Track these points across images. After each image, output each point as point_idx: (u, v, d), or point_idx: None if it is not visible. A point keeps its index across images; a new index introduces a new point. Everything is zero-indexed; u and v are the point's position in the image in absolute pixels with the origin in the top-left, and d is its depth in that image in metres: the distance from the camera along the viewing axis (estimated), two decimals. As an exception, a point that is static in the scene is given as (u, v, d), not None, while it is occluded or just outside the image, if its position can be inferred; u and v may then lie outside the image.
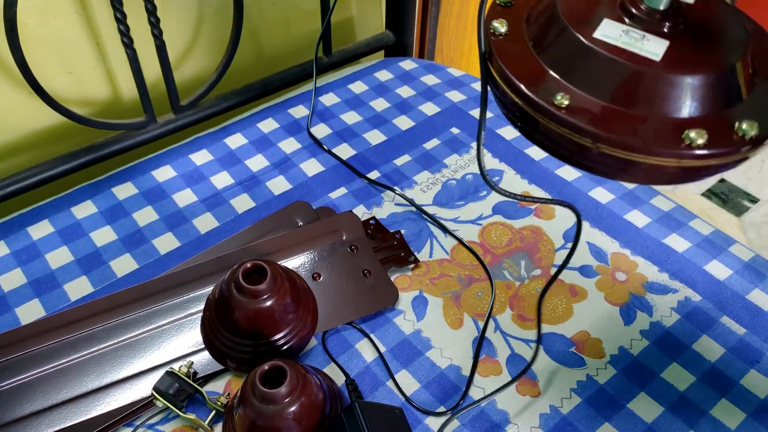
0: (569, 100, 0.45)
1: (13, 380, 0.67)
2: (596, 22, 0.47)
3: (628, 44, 0.46)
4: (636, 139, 0.43)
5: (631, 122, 0.44)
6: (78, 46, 0.91)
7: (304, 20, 1.14)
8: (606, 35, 0.46)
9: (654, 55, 0.45)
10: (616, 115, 0.44)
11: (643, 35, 0.46)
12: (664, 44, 0.46)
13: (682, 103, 0.44)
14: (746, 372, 0.70)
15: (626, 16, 0.47)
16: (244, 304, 0.65)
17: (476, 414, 0.66)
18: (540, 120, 0.46)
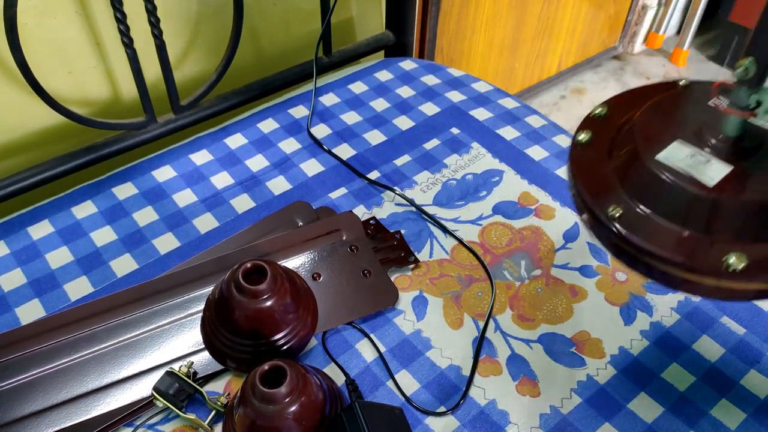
0: (621, 211, 0.48)
1: (13, 380, 0.67)
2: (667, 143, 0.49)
3: (690, 167, 0.47)
4: (675, 255, 0.45)
5: (674, 239, 0.46)
6: (78, 46, 0.91)
7: (304, 20, 1.14)
8: (670, 156, 0.48)
9: (711, 179, 0.46)
10: (662, 231, 0.47)
11: (708, 159, 0.48)
12: (726, 169, 0.47)
13: (729, 227, 0.46)
14: (746, 372, 0.70)
15: (699, 141, 0.49)
16: (244, 304, 0.65)
17: (476, 414, 0.66)
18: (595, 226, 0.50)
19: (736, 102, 0.47)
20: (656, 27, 2.03)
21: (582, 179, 0.51)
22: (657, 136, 0.50)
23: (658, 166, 0.48)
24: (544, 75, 1.84)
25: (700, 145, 0.49)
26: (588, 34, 1.86)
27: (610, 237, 0.49)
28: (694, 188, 0.46)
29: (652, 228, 0.47)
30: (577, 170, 0.52)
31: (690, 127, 0.50)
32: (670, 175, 0.47)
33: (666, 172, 0.47)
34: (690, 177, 0.47)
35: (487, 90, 1.07)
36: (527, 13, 1.60)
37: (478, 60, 1.58)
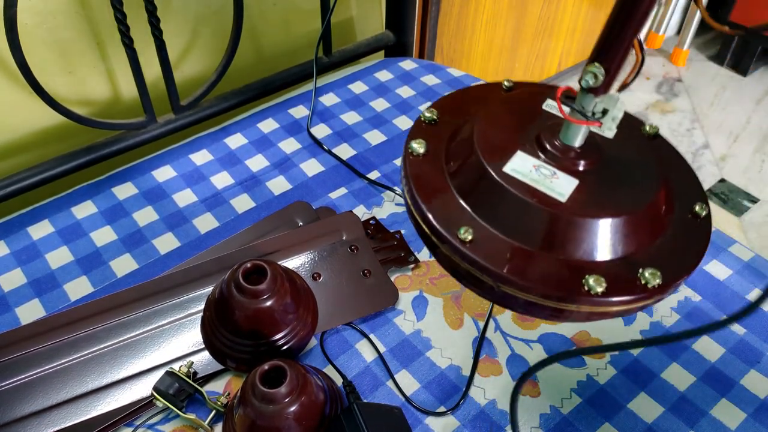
0: (473, 234, 0.43)
1: (13, 380, 0.67)
2: (510, 154, 0.46)
3: (536, 181, 0.44)
4: (536, 283, 0.42)
5: (533, 264, 0.42)
6: (78, 46, 0.91)
7: (304, 20, 1.14)
8: (516, 170, 0.45)
9: (560, 195, 0.44)
10: (518, 255, 0.43)
11: (554, 172, 0.45)
12: (574, 183, 0.45)
13: (585, 246, 0.43)
14: (746, 372, 0.70)
15: (541, 151, 0.46)
16: (244, 304, 0.65)
17: (476, 414, 0.66)
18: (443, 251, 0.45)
19: (581, 110, 0.44)
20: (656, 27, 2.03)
21: (423, 197, 0.46)
22: (498, 147, 0.46)
23: (507, 180, 0.44)
24: (544, 75, 1.84)
25: (542, 154, 0.46)
26: (588, 34, 1.86)
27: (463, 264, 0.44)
28: (548, 206, 0.43)
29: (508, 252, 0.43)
30: (417, 186, 0.47)
31: (528, 135, 0.47)
32: (520, 192, 0.44)
33: (516, 189, 0.44)
34: (541, 193, 0.44)
35: (487, 90, 1.07)
36: (527, 13, 1.60)
37: (478, 60, 1.58)
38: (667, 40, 2.11)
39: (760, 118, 1.85)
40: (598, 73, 0.42)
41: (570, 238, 0.43)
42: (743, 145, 1.78)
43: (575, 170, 0.45)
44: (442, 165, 0.48)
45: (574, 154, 0.46)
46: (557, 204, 0.43)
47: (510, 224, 0.44)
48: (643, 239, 0.44)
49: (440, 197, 0.46)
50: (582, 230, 0.43)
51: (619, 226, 0.43)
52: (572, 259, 0.43)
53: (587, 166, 0.46)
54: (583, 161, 0.46)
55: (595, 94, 0.43)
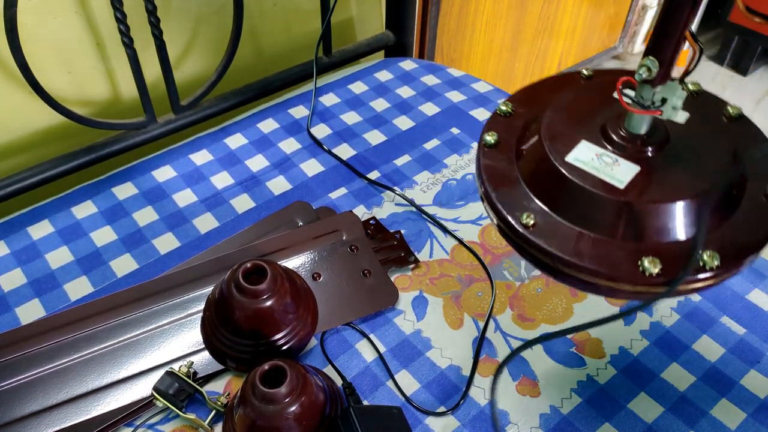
0: (534, 219, 0.46)
1: (13, 380, 0.67)
2: (574, 143, 0.48)
3: (597, 169, 0.46)
4: (592, 264, 0.44)
5: (590, 247, 0.44)
6: (78, 46, 0.91)
7: (304, 20, 1.14)
8: (578, 158, 0.47)
9: (619, 182, 0.45)
10: (576, 239, 0.45)
11: (616, 159, 0.47)
12: (634, 170, 0.46)
13: (641, 229, 0.44)
14: (746, 372, 0.70)
15: (605, 140, 0.48)
16: (244, 304, 0.65)
17: (476, 414, 0.66)
18: (509, 234, 0.48)
19: (641, 101, 0.46)
20: (656, 27, 2.03)
21: (492, 185, 0.49)
22: (564, 137, 0.48)
23: (568, 169, 0.46)
24: (544, 75, 1.84)
25: (607, 143, 0.48)
26: (588, 34, 1.86)
27: (526, 247, 0.46)
28: (605, 192, 0.45)
29: (568, 236, 0.45)
30: (487, 175, 0.50)
31: (595, 124, 0.49)
32: (579, 180, 0.46)
33: (576, 177, 0.46)
34: (600, 180, 0.45)
35: (487, 90, 1.07)
36: (527, 13, 1.60)
37: (478, 60, 1.58)
38: (667, 40, 2.11)
39: (760, 118, 1.85)
40: (652, 66, 0.44)
41: (626, 222, 0.45)
42: (743, 145, 1.78)
43: (640, 157, 0.47)
44: (512, 155, 0.51)
45: (640, 141, 0.47)
46: (614, 190, 0.45)
47: (570, 210, 0.46)
48: (706, 223, 0.45)
49: (508, 185, 0.49)
50: (637, 214, 0.44)
51: (675, 212, 0.44)
52: (628, 242, 0.44)
53: (653, 152, 0.47)
54: (650, 148, 0.47)
55: (652, 85, 0.45)
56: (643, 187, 0.45)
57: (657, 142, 0.47)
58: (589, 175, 0.46)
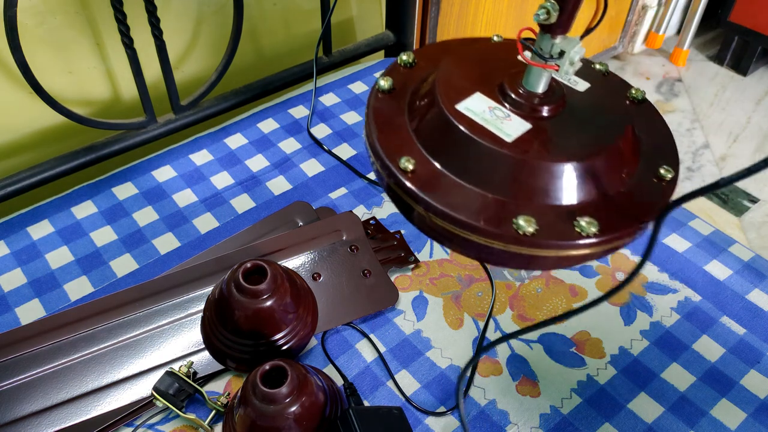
0: (414, 165, 0.44)
1: (13, 380, 0.67)
2: (468, 95, 0.46)
3: (487, 121, 0.45)
4: (464, 216, 0.41)
5: (465, 198, 0.42)
6: (78, 46, 0.91)
7: (304, 20, 1.14)
8: (469, 108, 0.45)
9: (507, 136, 0.44)
10: (453, 188, 0.43)
11: (508, 114, 0.45)
12: (525, 126, 0.45)
13: (522, 187, 0.43)
14: (746, 372, 0.70)
15: (501, 95, 0.46)
16: (244, 304, 0.65)
17: (476, 414, 0.66)
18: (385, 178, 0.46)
19: (539, 52, 0.44)
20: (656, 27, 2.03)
21: (377, 127, 0.47)
22: (459, 87, 0.47)
23: (456, 116, 0.44)
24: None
25: (502, 98, 0.46)
26: (588, 34, 1.85)
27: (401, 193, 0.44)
28: (490, 143, 0.43)
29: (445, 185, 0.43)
30: (374, 117, 0.48)
31: (495, 81, 0.47)
32: (466, 127, 0.44)
33: (462, 124, 0.44)
34: (488, 131, 0.44)
35: (487, 90, 1.07)
36: (527, 13, 1.60)
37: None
38: (667, 40, 2.11)
39: (760, 118, 1.85)
40: (551, 8, 0.41)
41: (508, 178, 0.43)
42: (743, 145, 1.78)
43: (534, 116, 0.45)
44: (404, 102, 0.49)
45: (535, 100, 0.46)
46: (500, 142, 0.43)
47: (452, 159, 0.44)
48: (590, 190, 0.44)
49: (393, 130, 0.47)
50: (520, 170, 0.43)
51: (561, 173, 0.43)
52: (506, 198, 0.43)
53: (548, 113, 0.46)
54: (545, 108, 0.46)
55: (552, 34, 0.43)
56: (530, 145, 0.43)
57: (552, 103, 0.46)
58: (477, 125, 0.44)
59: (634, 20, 1.97)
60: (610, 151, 0.44)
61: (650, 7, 1.94)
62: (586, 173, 0.43)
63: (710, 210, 1.63)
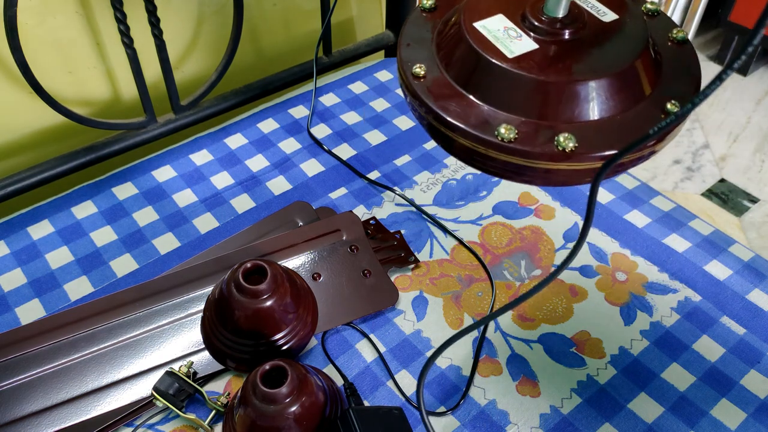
0: (425, 71, 0.48)
1: (13, 380, 0.67)
2: (490, 16, 0.49)
3: (497, 38, 0.48)
4: (454, 118, 0.46)
5: (459, 104, 0.46)
6: (78, 46, 0.91)
7: (304, 20, 1.14)
8: (485, 26, 0.49)
9: (510, 52, 0.46)
10: (451, 95, 0.47)
11: (520, 35, 0.48)
12: (531, 46, 0.47)
13: (509, 99, 0.46)
14: (746, 372, 0.70)
15: (521, 19, 0.49)
16: (244, 304, 0.65)
17: (476, 414, 0.66)
18: (403, 84, 0.51)
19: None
20: (656, 27, 2.03)
21: (406, 41, 0.51)
22: (485, 9, 0.50)
23: (469, 30, 0.48)
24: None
25: (521, 20, 0.49)
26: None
27: (411, 97, 0.49)
28: (487, 54, 0.46)
29: (445, 89, 0.47)
30: (406, 32, 0.52)
31: (521, 6, 0.50)
32: (472, 40, 0.47)
33: (471, 37, 0.47)
34: (492, 46, 0.47)
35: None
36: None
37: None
38: (667, 40, 2.11)
39: (760, 118, 1.85)
40: None
41: (499, 89, 0.46)
42: (743, 145, 1.78)
43: (547, 39, 0.48)
44: (440, 21, 0.53)
45: (553, 24, 0.48)
46: (497, 54, 0.46)
47: (457, 68, 0.48)
48: (579, 110, 0.45)
49: (419, 45, 0.51)
50: (509, 82, 0.46)
51: (547, 89, 0.45)
52: (495, 109, 0.46)
53: (565, 36, 0.48)
54: (564, 32, 0.47)
55: None
56: (529, 61, 0.46)
57: (569, 28, 0.48)
58: (485, 39, 0.47)
59: None
60: (607, 76, 0.46)
61: (650, 7, 1.94)
62: (576, 93, 0.45)
63: (710, 210, 1.63)
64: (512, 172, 0.46)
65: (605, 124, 0.45)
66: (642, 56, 0.47)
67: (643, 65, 0.47)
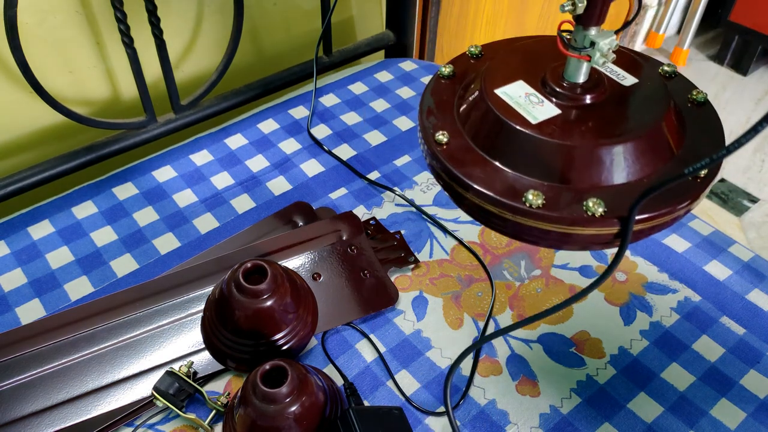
0: (447, 138, 0.49)
1: (13, 380, 0.67)
2: (510, 82, 0.50)
3: (519, 105, 0.48)
4: (481, 185, 0.46)
5: (484, 171, 0.47)
6: (78, 46, 0.91)
7: (304, 20, 1.14)
8: (507, 93, 0.49)
9: (534, 118, 0.47)
10: (476, 161, 0.47)
11: (542, 101, 0.48)
12: (554, 111, 0.47)
13: (535, 164, 0.46)
14: (746, 372, 0.70)
15: (541, 84, 0.49)
16: (244, 304, 0.65)
17: (476, 414, 0.66)
18: (424, 152, 0.51)
19: (574, 44, 0.47)
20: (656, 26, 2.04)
21: (427, 105, 0.52)
22: (505, 75, 0.50)
23: (492, 97, 0.48)
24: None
25: (541, 86, 0.49)
26: (588, 33, 1.85)
27: (434, 164, 0.49)
28: (512, 121, 0.46)
29: (471, 158, 0.47)
30: (429, 96, 0.53)
31: (540, 72, 0.50)
32: (495, 107, 0.47)
33: (493, 104, 0.48)
34: (516, 113, 0.47)
35: (487, 90, 1.07)
36: (527, 12, 1.60)
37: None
38: (668, 40, 2.11)
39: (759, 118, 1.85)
40: (577, 0, 0.45)
41: (523, 154, 0.46)
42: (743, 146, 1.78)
43: (569, 105, 0.48)
44: (459, 87, 0.54)
45: (578, 90, 0.48)
46: (522, 121, 0.47)
47: (481, 135, 0.48)
48: (605, 174, 0.46)
49: (441, 110, 0.52)
50: (534, 148, 0.46)
51: (569, 152, 0.45)
52: (522, 175, 0.46)
53: (588, 101, 0.48)
54: (585, 96, 0.48)
55: (584, 26, 0.46)
56: (553, 128, 0.46)
57: (590, 93, 0.48)
58: (509, 107, 0.48)
59: (634, 20, 1.97)
60: (632, 139, 0.46)
61: (650, 6, 1.94)
62: (603, 156, 0.45)
63: (710, 210, 1.63)
64: (538, 237, 0.46)
65: (633, 187, 0.45)
66: (666, 118, 0.48)
67: (667, 127, 0.48)
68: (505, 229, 0.47)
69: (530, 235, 0.46)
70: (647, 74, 0.52)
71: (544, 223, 0.44)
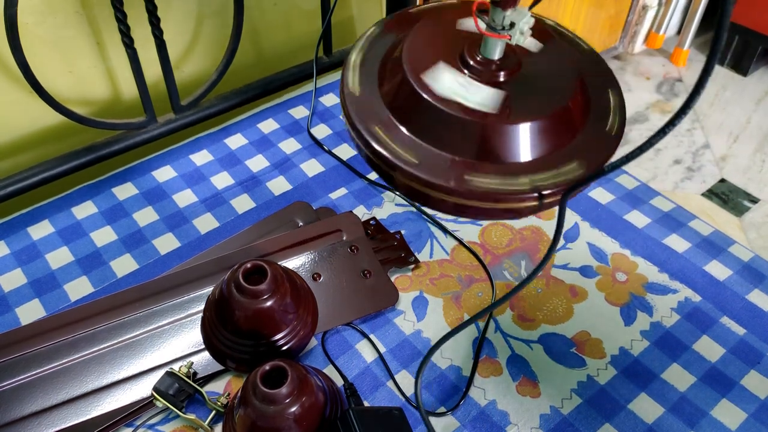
0: (384, 131, 0.50)
1: (13, 380, 0.67)
2: (432, 65, 0.51)
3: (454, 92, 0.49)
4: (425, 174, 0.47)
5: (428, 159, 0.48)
6: (78, 46, 0.91)
7: (304, 20, 1.14)
8: (435, 80, 0.50)
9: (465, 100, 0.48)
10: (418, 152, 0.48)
11: (470, 83, 0.50)
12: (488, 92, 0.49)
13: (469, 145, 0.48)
14: (746, 372, 0.70)
15: (464, 66, 0.51)
16: (244, 304, 0.65)
17: (476, 414, 0.66)
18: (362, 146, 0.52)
19: (492, 24, 0.48)
20: (656, 27, 2.03)
21: (349, 98, 0.54)
22: (424, 58, 0.51)
23: (425, 89, 0.49)
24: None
25: (464, 67, 0.50)
26: (588, 34, 1.85)
27: (374, 159, 0.50)
28: (451, 110, 0.47)
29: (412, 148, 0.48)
30: (347, 90, 0.55)
31: (455, 49, 0.51)
32: (430, 97, 0.48)
33: (427, 94, 0.49)
34: (457, 103, 0.48)
35: (488, 90, 1.07)
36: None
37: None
38: (668, 40, 2.11)
39: (760, 118, 1.85)
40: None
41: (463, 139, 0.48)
42: (743, 145, 1.78)
43: (492, 81, 0.50)
44: (375, 73, 0.55)
45: (494, 66, 0.50)
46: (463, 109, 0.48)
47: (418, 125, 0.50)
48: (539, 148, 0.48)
49: (366, 100, 0.53)
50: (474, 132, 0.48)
51: (498, 131, 0.48)
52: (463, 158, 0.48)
53: (505, 77, 0.50)
54: (502, 73, 0.50)
55: (502, 8, 0.47)
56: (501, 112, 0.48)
57: (508, 68, 0.50)
58: (444, 97, 0.49)
59: (635, 20, 1.97)
60: (555, 112, 0.49)
61: (650, 7, 1.94)
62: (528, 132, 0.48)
63: (710, 210, 1.63)
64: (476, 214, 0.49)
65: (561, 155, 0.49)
66: (574, 93, 0.50)
67: (574, 102, 0.50)
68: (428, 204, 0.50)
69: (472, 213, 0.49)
70: (556, 44, 0.54)
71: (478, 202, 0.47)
